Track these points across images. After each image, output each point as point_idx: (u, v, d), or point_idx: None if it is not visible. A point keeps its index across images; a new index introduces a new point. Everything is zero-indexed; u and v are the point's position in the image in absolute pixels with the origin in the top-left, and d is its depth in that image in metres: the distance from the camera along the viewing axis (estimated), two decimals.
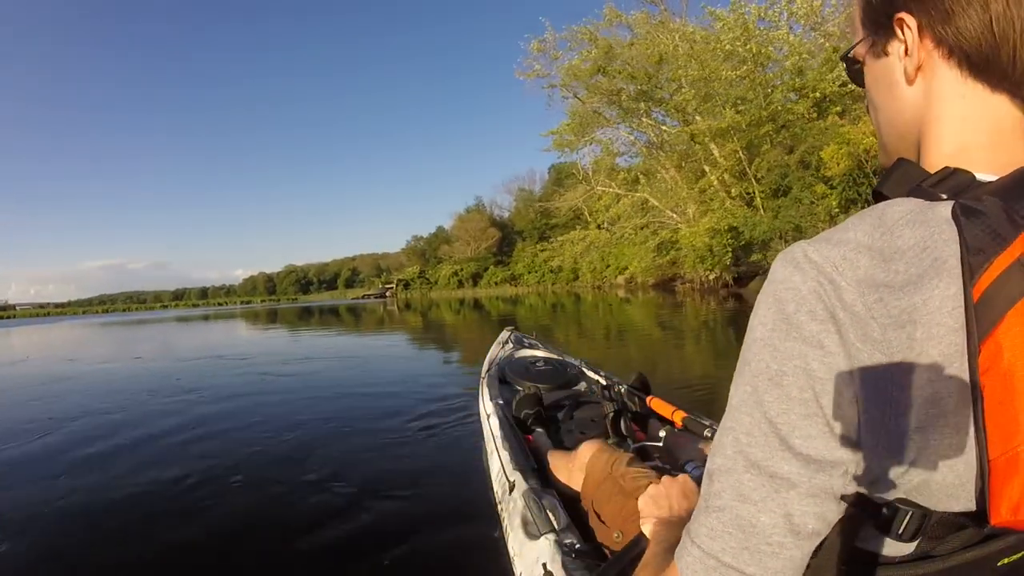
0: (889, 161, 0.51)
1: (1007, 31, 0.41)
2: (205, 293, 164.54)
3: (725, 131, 21.40)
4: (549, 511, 1.38)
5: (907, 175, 0.46)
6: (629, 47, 23.50)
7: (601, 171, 31.86)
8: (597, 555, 1.23)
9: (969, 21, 0.41)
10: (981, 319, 0.36)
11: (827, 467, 0.39)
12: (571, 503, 1.48)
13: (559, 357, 3.35)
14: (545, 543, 1.27)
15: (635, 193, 29.20)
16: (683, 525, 0.48)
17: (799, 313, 0.40)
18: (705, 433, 1.85)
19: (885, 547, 0.43)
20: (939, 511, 0.40)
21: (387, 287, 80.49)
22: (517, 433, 2.06)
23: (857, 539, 0.44)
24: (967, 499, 0.39)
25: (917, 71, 0.46)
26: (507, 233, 62.79)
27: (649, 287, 28.56)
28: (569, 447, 1.95)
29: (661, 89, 24.01)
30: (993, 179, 0.42)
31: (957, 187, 0.42)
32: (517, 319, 14.64)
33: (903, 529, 0.40)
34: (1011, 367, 0.35)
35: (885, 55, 0.48)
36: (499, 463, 1.87)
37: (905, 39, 0.46)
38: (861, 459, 0.40)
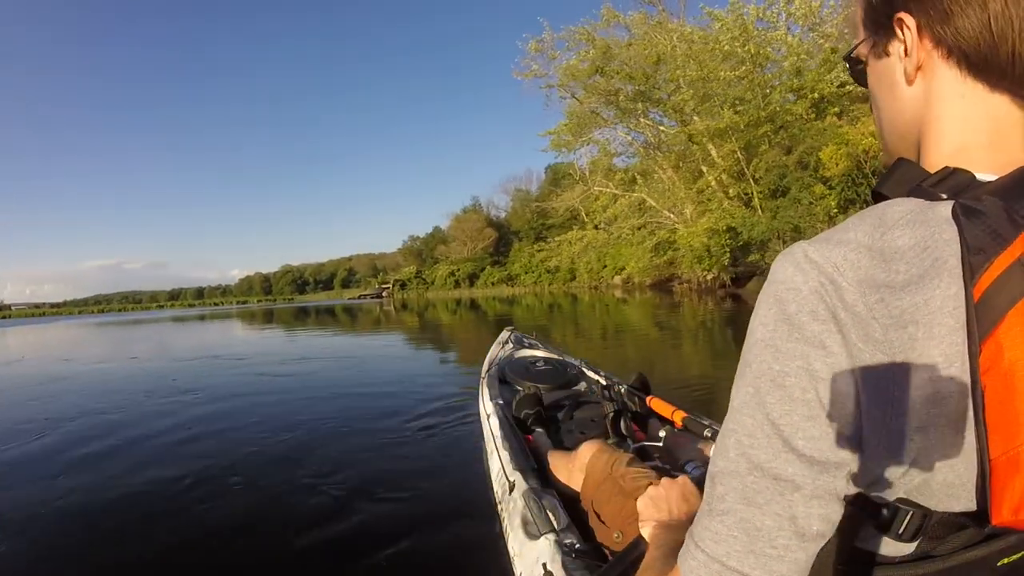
0: (891, 161, 0.51)
1: (1005, 30, 0.41)
2: (201, 293, 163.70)
3: (723, 131, 21.39)
4: (549, 511, 1.38)
5: (907, 175, 0.46)
6: (627, 47, 23.46)
7: (598, 171, 31.82)
8: (597, 555, 1.24)
9: (967, 21, 0.41)
10: (982, 319, 0.36)
11: (831, 468, 0.39)
12: (571, 503, 1.48)
13: (559, 357, 3.35)
14: (545, 543, 1.27)
15: (632, 193, 29.16)
16: (683, 528, 0.47)
17: (800, 314, 0.40)
18: (705, 433, 1.85)
19: (885, 547, 0.43)
20: (940, 511, 0.40)
21: (383, 287, 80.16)
22: (517, 433, 2.06)
23: (857, 539, 0.44)
24: (968, 499, 0.39)
25: (917, 71, 0.46)
26: (504, 233, 62.69)
27: (646, 287, 28.57)
28: (569, 447, 1.95)
29: (659, 89, 23.98)
30: (993, 179, 0.42)
31: (957, 187, 0.42)
32: (514, 319, 14.64)
33: (904, 529, 0.40)
34: (1012, 367, 0.35)
35: (886, 55, 0.48)
36: (499, 463, 1.87)
37: (905, 39, 0.46)
38: (862, 459, 0.40)
